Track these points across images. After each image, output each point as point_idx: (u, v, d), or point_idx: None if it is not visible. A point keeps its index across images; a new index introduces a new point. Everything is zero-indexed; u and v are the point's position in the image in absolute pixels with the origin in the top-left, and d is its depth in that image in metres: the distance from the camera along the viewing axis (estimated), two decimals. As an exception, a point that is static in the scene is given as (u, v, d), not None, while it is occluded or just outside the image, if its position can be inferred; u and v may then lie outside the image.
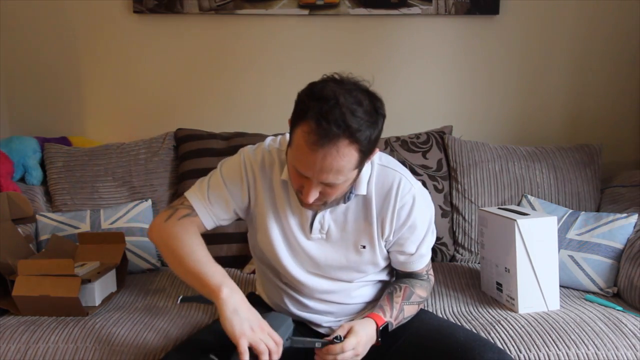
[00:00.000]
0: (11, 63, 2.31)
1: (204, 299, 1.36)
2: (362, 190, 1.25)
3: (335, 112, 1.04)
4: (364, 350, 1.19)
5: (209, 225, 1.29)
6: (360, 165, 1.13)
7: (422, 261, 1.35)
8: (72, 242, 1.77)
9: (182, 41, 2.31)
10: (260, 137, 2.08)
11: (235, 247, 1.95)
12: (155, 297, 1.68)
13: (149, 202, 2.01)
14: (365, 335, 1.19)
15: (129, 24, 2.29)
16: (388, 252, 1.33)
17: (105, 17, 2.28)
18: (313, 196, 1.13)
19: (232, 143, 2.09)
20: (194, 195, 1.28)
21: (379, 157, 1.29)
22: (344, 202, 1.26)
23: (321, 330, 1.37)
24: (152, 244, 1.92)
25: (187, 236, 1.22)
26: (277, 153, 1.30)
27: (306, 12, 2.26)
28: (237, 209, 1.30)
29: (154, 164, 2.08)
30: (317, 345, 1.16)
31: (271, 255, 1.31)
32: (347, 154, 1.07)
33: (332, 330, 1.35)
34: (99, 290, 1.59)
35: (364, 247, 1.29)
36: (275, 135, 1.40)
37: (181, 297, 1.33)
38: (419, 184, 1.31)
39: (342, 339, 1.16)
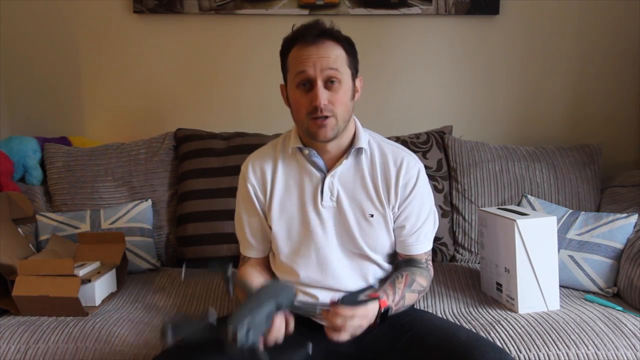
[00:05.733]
0: (11, 63, 2.31)
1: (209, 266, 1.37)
2: (361, 143, 1.34)
3: (316, 25, 1.27)
4: (361, 327, 1.18)
5: (261, 255, 1.45)
6: (350, 67, 1.29)
7: (422, 245, 1.38)
8: (72, 242, 1.77)
9: (182, 41, 2.31)
10: (260, 137, 2.09)
11: (235, 247, 1.91)
12: (155, 297, 1.68)
13: (149, 202, 2.01)
14: (371, 311, 1.19)
15: (129, 24, 2.29)
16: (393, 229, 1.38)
17: (105, 17, 2.28)
18: (323, 96, 1.24)
19: (232, 143, 2.09)
20: (242, 247, 1.46)
21: (382, 138, 1.42)
22: (346, 158, 1.34)
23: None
24: (153, 244, 1.94)
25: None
26: (279, 139, 1.43)
27: (306, 12, 2.26)
28: (269, 221, 1.40)
29: (154, 164, 2.08)
30: (318, 310, 1.19)
31: (284, 238, 1.37)
32: (335, 48, 1.27)
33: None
34: (99, 290, 1.59)
35: (372, 215, 1.35)
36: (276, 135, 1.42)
37: (185, 263, 1.33)
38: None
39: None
